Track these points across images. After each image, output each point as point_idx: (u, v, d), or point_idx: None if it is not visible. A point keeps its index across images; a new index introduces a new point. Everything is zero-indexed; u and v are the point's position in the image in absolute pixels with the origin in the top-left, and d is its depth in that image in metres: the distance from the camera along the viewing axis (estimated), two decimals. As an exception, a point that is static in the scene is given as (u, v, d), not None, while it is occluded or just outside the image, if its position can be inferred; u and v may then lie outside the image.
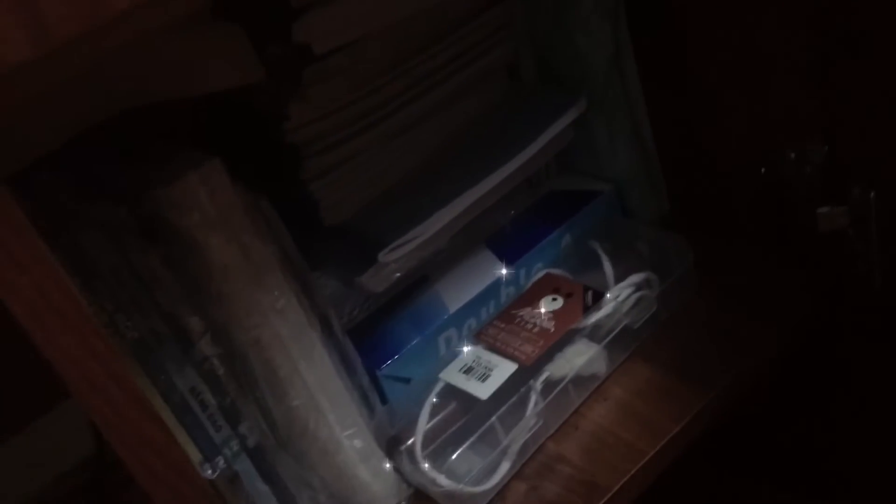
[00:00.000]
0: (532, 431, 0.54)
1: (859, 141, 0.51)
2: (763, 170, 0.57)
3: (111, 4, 0.26)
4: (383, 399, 0.57)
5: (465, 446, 0.52)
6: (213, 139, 0.47)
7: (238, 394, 0.45)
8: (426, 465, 0.52)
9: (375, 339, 0.59)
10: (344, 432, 0.50)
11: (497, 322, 0.59)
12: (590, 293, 0.58)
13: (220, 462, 0.42)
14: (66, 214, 0.38)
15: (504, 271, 0.62)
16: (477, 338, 0.58)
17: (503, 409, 0.53)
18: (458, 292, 0.61)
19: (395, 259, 0.55)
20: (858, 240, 0.52)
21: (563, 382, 0.55)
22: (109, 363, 0.29)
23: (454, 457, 0.52)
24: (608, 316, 0.57)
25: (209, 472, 0.39)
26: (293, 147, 0.53)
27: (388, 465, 0.54)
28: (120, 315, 0.40)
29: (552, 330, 0.56)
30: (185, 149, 0.43)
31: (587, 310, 0.57)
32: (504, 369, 0.55)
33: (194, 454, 0.43)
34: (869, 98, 0.49)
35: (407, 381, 0.58)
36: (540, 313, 0.58)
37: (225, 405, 0.44)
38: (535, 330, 0.57)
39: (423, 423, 0.54)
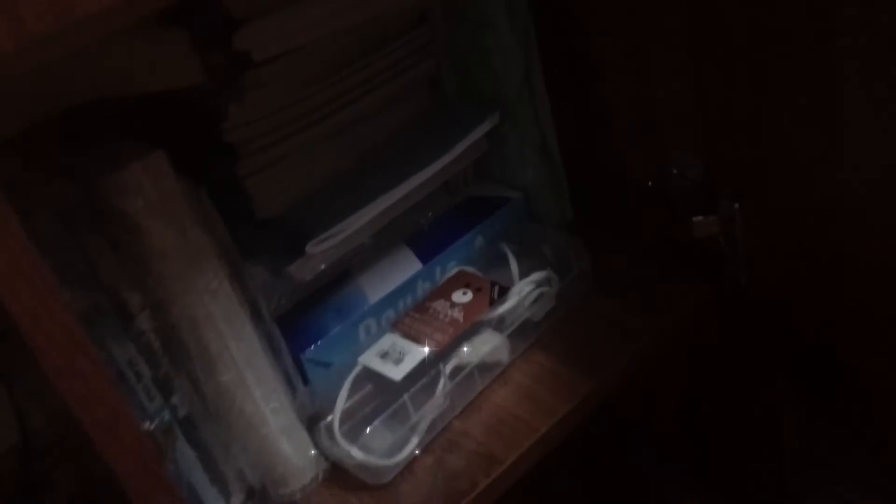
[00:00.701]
0: (440, 410, 0.60)
1: (728, 160, 0.59)
2: (650, 182, 0.64)
3: (82, 7, 0.31)
4: (305, 381, 0.62)
5: (377, 422, 0.57)
6: (156, 134, 0.52)
7: (171, 367, 0.50)
8: (342, 440, 0.58)
9: (300, 326, 0.63)
10: (268, 407, 0.55)
11: (412, 313, 0.65)
12: (496, 288, 0.65)
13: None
14: (20, 193, 0.42)
15: (420, 268, 0.67)
16: (394, 326, 0.64)
17: (414, 388, 0.58)
18: (378, 286, 0.66)
19: (321, 251, 0.60)
20: (727, 244, 0.60)
21: (469, 368, 0.61)
22: (64, 321, 0.34)
23: (367, 431, 0.57)
24: (512, 309, 0.64)
25: (147, 423, 0.43)
26: (230, 145, 0.58)
27: (307, 440, 0.59)
28: (65, 288, 0.44)
29: (461, 320, 0.63)
30: (131, 141, 0.47)
31: (493, 303, 0.64)
32: (416, 354, 0.60)
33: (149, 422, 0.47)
34: (736, 125, 0.57)
35: (328, 365, 0.63)
36: (451, 305, 0.64)
37: (158, 377, 0.49)
38: (447, 320, 0.63)
39: (342, 402, 0.59)
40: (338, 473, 0.60)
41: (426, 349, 0.61)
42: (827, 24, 0.48)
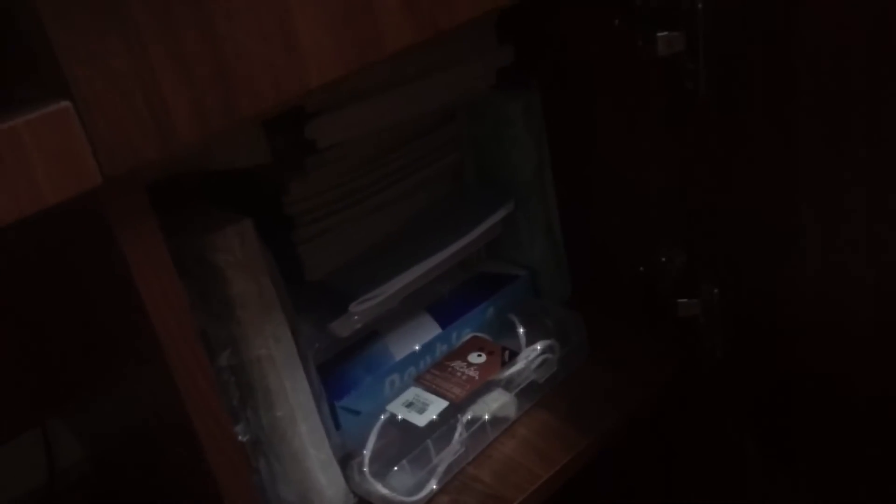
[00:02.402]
0: (456, 456, 0.68)
1: (709, 251, 0.70)
2: (641, 268, 0.75)
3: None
4: (337, 426, 0.70)
5: (403, 462, 0.66)
6: (230, 203, 0.61)
7: (239, 401, 0.58)
8: (371, 478, 0.66)
9: (334, 377, 0.72)
10: (311, 442, 0.63)
11: (433, 370, 0.74)
12: (507, 353, 0.74)
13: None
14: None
15: (440, 332, 0.77)
16: (416, 381, 0.73)
17: (435, 434, 0.67)
18: (402, 345, 0.75)
19: (361, 310, 0.69)
20: (706, 323, 0.70)
21: (481, 420, 0.70)
22: (193, 344, 0.43)
23: (394, 470, 0.66)
24: (519, 371, 0.73)
25: (240, 436, 0.51)
26: (289, 216, 0.68)
27: (340, 476, 0.66)
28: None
29: (476, 378, 0.72)
30: (224, 209, 0.57)
31: (504, 365, 0.73)
32: (438, 405, 0.69)
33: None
34: (715, 221, 0.68)
35: (357, 413, 0.71)
36: (468, 365, 0.73)
37: (230, 408, 0.57)
38: (464, 377, 0.72)
39: (371, 443, 0.67)
40: (363, 508, 0.67)
41: (446, 401, 0.69)
42: (790, 133, 0.59)
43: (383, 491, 0.65)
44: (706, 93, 0.63)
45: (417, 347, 0.75)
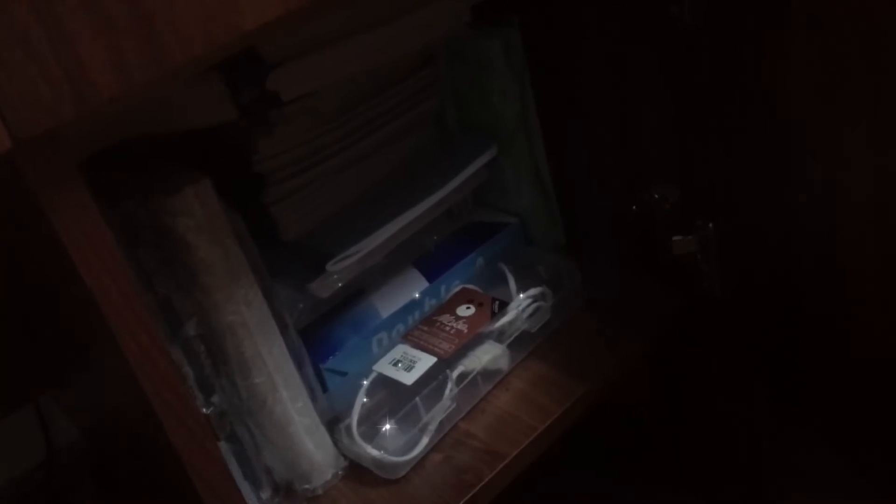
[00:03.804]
0: (447, 412, 0.66)
1: (704, 185, 0.66)
2: (634, 207, 0.72)
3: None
4: (324, 389, 0.68)
5: (391, 422, 0.64)
6: (195, 164, 0.58)
7: (212, 370, 0.56)
8: (360, 439, 0.64)
9: (320, 338, 0.70)
10: (294, 408, 0.61)
11: (421, 326, 0.71)
12: (496, 303, 0.71)
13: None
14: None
15: (427, 286, 0.74)
16: (404, 338, 0.71)
17: (424, 392, 0.65)
18: (389, 302, 0.73)
19: (340, 269, 0.66)
20: (703, 260, 0.67)
21: (473, 374, 0.68)
22: (141, 313, 0.40)
23: (383, 430, 0.64)
24: (511, 322, 0.70)
25: (204, 409, 0.49)
26: (259, 175, 0.65)
27: (328, 440, 0.65)
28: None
29: (465, 331, 0.69)
30: (181, 167, 0.54)
31: (494, 316, 0.70)
32: (426, 361, 0.67)
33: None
34: (709, 153, 0.64)
35: (344, 374, 0.69)
36: (456, 319, 0.71)
37: (202, 378, 0.55)
38: (452, 331, 0.70)
39: (359, 404, 0.65)
40: (355, 471, 0.66)
41: (434, 357, 0.67)
42: (783, 59, 0.55)
43: (373, 452, 0.63)
44: (694, 19, 0.59)
45: (404, 303, 0.72)
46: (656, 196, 0.70)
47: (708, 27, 0.59)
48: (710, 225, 0.65)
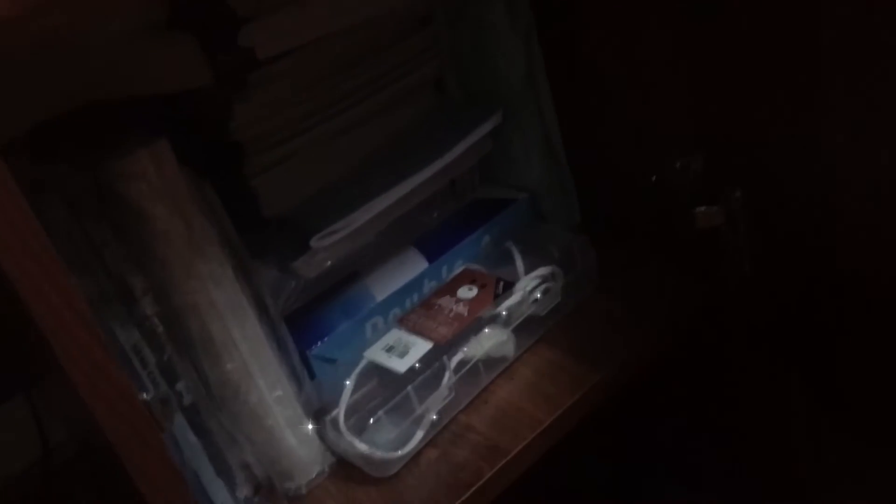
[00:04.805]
0: (445, 402, 0.60)
1: (729, 150, 0.59)
2: (653, 178, 0.64)
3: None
4: (312, 377, 0.63)
5: (381, 413, 0.58)
6: (163, 131, 0.53)
7: (175, 354, 0.50)
8: (347, 432, 0.58)
9: (308, 323, 0.64)
10: (272, 397, 0.55)
11: (418, 309, 0.65)
12: (501, 283, 0.65)
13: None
14: (25, 177, 0.43)
15: (427, 266, 0.68)
16: (399, 322, 0.64)
17: (418, 381, 0.59)
18: (385, 284, 0.67)
19: (326, 246, 0.61)
20: (730, 233, 0.60)
21: (473, 361, 0.61)
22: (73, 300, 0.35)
23: (371, 422, 0.58)
24: (517, 304, 0.64)
25: (144, 395, 0.44)
26: (237, 145, 0.60)
27: (313, 435, 0.59)
28: (71, 274, 0.45)
29: (465, 315, 0.63)
30: (137, 132, 0.49)
31: (497, 298, 0.64)
32: (421, 347, 0.61)
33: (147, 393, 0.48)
34: (735, 115, 0.57)
35: (333, 361, 0.63)
36: (456, 301, 0.65)
37: (163, 363, 0.50)
38: (451, 315, 0.63)
39: (347, 394, 0.59)
40: (344, 468, 0.60)
41: (431, 342, 0.61)
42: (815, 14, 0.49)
43: (360, 447, 0.57)
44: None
45: (401, 285, 0.66)
46: (678, 165, 0.63)
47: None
48: (738, 193, 0.58)
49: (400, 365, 0.60)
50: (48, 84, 0.50)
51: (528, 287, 0.64)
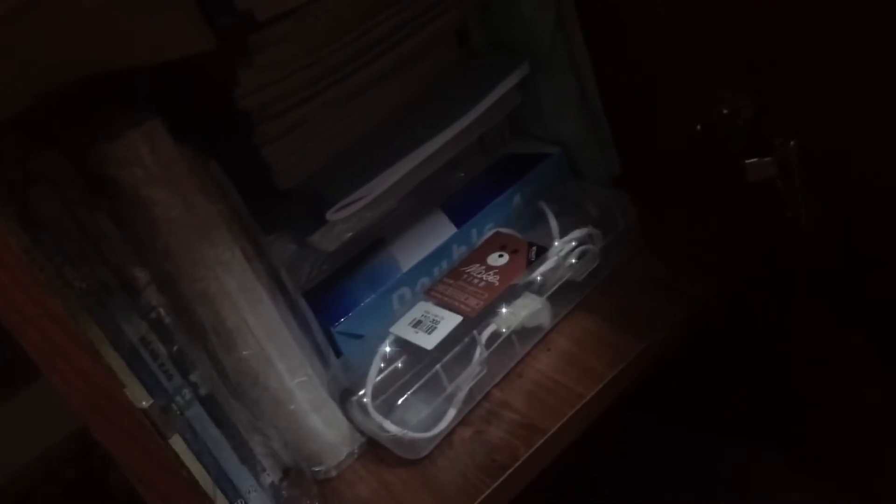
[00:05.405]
0: (477, 379, 0.56)
1: (781, 96, 0.53)
2: (699, 126, 0.59)
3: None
4: (338, 355, 0.60)
5: (409, 393, 0.54)
6: (167, 105, 0.50)
7: (187, 343, 0.48)
8: (375, 413, 0.55)
9: (331, 298, 0.61)
10: (294, 382, 0.53)
11: (446, 279, 0.61)
12: (534, 249, 0.61)
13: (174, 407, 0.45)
14: (13, 169, 0.40)
15: (455, 231, 0.64)
16: (427, 294, 0.61)
17: (447, 358, 0.55)
18: (411, 253, 0.63)
19: (344, 218, 0.57)
20: (785, 186, 0.54)
21: (506, 333, 0.57)
22: (46, 304, 0.32)
23: (399, 403, 0.55)
24: (552, 270, 0.60)
25: (143, 402, 0.42)
26: (244, 113, 0.56)
27: (340, 416, 0.56)
28: (68, 267, 0.42)
29: (497, 284, 0.59)
30: (129, 110, 0.45)
31: (531, 264, 0.60)
32: (450, 321, 0.57)
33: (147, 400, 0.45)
34: (788, 58, 0.51)
35: (360, 337, 0.60)
36: (486, 269, 0.61)
37: (174, 354, 0.47)
38: (481, 284, 0.59)
39: (374, 374, 0.56)
40: (375, 449, 0.57)
41: (460, 316, 0.57)
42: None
43: (391, 428, 0.54)
44: None
45: (429, 253, 0.63)
46: (725, 111, 0.57)
47: None
48: (792, 143, 0.52)
49: (427, 342, 0.56)
50: (39, 58, 0.47)
51: (564, 251, 0.60)
